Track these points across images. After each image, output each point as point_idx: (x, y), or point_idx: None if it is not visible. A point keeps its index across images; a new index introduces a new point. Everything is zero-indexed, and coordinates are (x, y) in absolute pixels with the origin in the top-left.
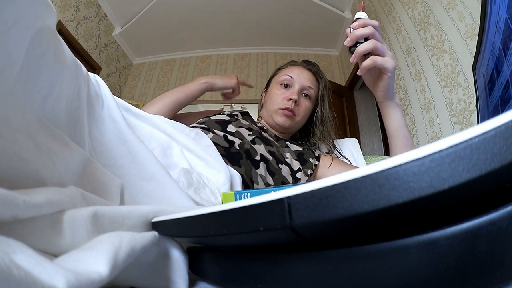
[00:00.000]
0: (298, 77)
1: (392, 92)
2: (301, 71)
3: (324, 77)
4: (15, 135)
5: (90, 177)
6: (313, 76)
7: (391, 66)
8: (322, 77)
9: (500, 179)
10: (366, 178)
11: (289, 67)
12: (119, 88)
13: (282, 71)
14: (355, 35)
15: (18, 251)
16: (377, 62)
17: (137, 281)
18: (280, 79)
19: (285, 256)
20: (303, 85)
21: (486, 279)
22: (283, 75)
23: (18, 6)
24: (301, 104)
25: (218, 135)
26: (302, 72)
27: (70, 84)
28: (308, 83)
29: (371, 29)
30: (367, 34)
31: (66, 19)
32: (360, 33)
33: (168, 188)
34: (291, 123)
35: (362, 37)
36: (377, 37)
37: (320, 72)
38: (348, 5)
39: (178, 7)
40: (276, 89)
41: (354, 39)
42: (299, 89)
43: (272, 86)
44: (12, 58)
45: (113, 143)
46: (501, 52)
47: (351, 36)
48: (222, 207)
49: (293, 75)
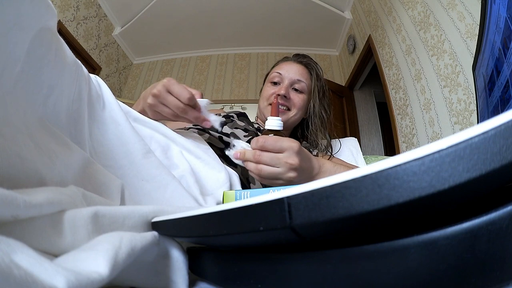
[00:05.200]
0: (286, 73)
1: None
2: (290, 65)
3: (316, 67)
4: (15, 134)
5: (91, 177)
6: (304, 68)
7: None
8: (313, 68)
9: (500, 179)
10: (366, 178)
11: (279, 64)
12: (119, 88)
13: (274, 69)
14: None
15: (18, 251)
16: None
17: (137, 281)
18: (270, 77)
19: (285, 256)
20: (291, 79)
21: (486, 279)
22: (273, 72)
23: (19, 7)
24: (293, 98)
25: (214, 136)
26: (291, 66)
27: (71, 84)
28: (297, 77)
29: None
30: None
31: (66, 19)
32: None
33: (169, 189)
34: (284, 117)
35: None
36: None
37: (311, 63)
38: (348, 5)
39: (178, 7)
40: (267, 86)
41: None
42: (288, 84)
43: (264, 85)
44: (12, 58)
45: (114, 144)
46: (501, 52)
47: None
48: (222, 207)
49: (282, 71)
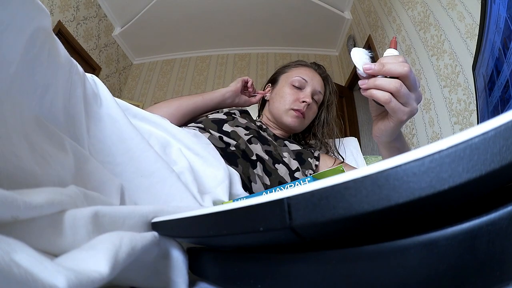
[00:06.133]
0: (311, 81)
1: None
2: (314, 74)
3: (331, 82)
4: (10, 134)
5: (90, 176)
6: (323, 81)
7: (402, 118)
8: (329, 82)
9: (500, 179)
10: (366, 178)
11: (300, 68)
12: (119, 89)
13: (294, 71)
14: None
15: (19, 250)
16: (390, 105)
17: (137, 281)
18: (293, 79)
19: (285, 256)
20: (315, 89)
21: (486, 279)
22: (295, 75)
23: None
24: (311, 108)
25: (214, 136)
26: (314, 75)
27: (65, 83)
28: (319, 88)
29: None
30: (400, 73)
31: (66, 19)
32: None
33: (168, 185)
34: (300, 125)
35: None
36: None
37: (328, 77)
38: (348, 5)
39: (178, 7)
40: (288, 88)
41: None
42: (310, 93)
43: (282, 84)
44: (7, 59)
45: (112, 141)
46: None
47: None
48: (222, 207)
49: (307, 78)
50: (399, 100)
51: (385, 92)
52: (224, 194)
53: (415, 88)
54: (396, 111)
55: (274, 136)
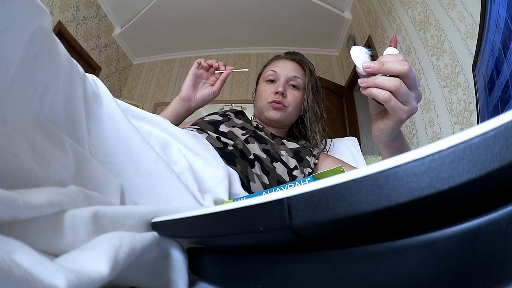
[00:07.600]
0: (282, 70)
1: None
2: (284, 63)
3: (309, 64)
4: (10, 134)
5: (91, 176)
6: (298, 65)
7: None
8: (307, 64)
9: (500, 179)
10: (366, 178)
11: (273, 62)
12: (119, 89)
13: (267, 68)
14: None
15: (19, 250)
16: (389, 103)
17: (137, 281)
18: (265, 76)
19: (285, 256)
20: (287, 76)
21: (486, 279)
22: (267, 71)
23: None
24: (289, 95)
25: (212, 136)
26: (285, 64)
27: (66, 83)
28: (293, 73)
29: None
30: (400, 72)
31: (66, 19)
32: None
33: (168, 185)
34: (283, 115)
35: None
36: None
37: (304, 60)
38: (348, 5)
39: (178, 7)
40: (263, 85)
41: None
42: (284, 81)
43: (259, 84)
44: (7, 60)
45: (112, 141)
46: (501, 52)
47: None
48: (221, 207)
49: (277, 69)
50: (398, 98)
51: (384, 91)
52: (224, 193)
53: (415, 87)
54: (396, 109)
55: (271, 135)
